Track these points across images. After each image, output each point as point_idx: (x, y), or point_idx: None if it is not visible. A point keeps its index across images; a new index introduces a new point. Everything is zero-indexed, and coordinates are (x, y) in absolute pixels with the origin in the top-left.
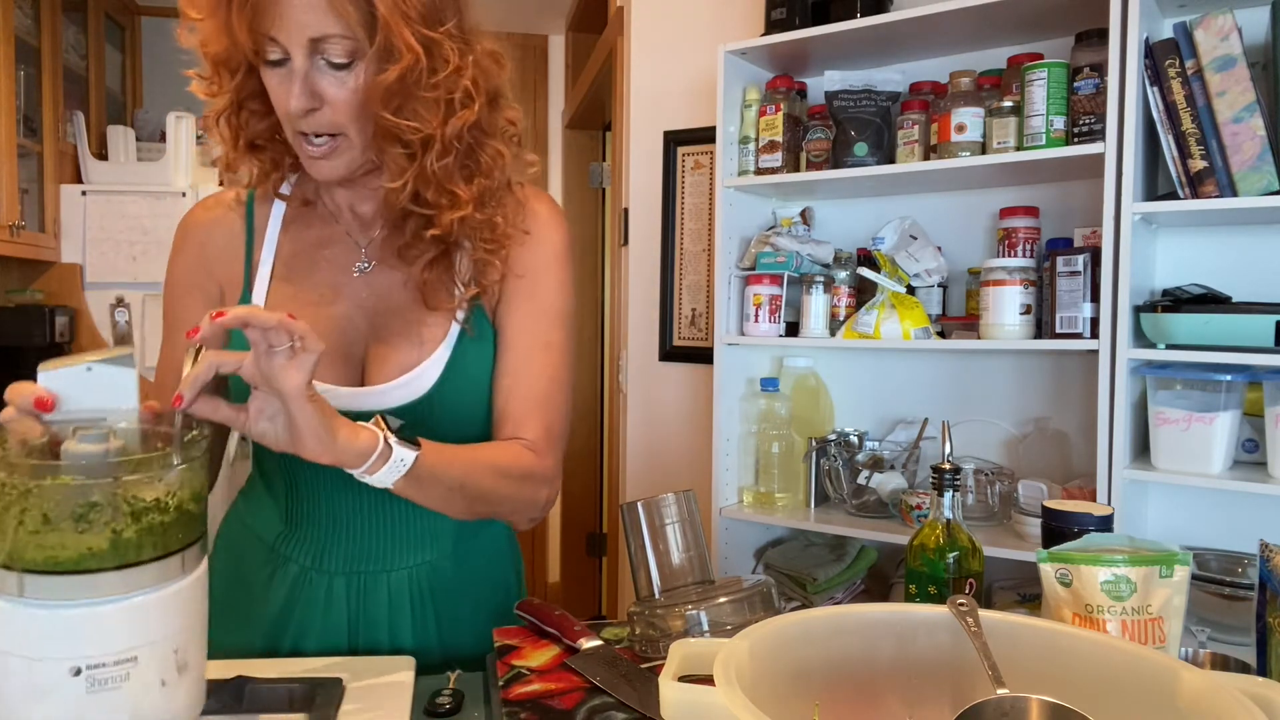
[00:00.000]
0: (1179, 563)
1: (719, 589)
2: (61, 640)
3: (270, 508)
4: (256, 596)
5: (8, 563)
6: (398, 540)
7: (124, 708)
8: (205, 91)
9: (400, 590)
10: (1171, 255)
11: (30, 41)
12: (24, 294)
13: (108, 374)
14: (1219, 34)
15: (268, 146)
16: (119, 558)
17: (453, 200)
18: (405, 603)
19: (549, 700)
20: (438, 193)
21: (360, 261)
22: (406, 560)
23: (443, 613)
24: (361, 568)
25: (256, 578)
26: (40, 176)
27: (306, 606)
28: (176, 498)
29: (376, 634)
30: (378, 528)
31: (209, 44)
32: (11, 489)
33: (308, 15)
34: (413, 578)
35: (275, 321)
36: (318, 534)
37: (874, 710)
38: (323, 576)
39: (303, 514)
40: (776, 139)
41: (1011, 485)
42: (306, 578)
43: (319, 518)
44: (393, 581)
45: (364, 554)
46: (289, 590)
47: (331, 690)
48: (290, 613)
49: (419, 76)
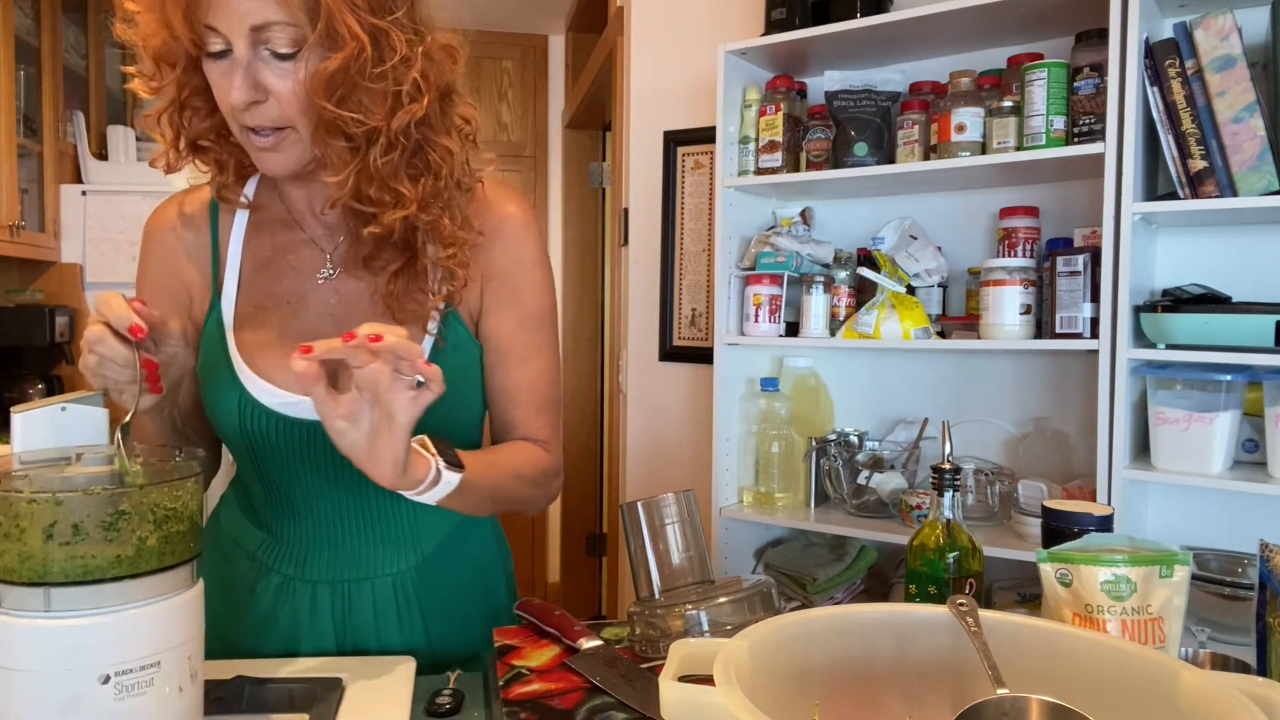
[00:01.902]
0: (1179, 563)
1: (719, 589)
2: (91, 649)
3: (251, 516)
4: (242, 602)
5: (35, 579)
6: (382, 546)
7: (150, 713)
8: (145, 89)
9: (386, 597)
10: (1171, 255)
11: (30, 41)
12: (24, 294)
13: (81, 413)
14: (1219, 34)
15: (211, 147)
16: (144, 565)
17: (396, 199)
18: (391, 609)
19: (549, 700)
20: (381, 189)
21: (325, 269)
22: (391, 566)
23: (430, 617)
24: (345, 575)
25: (241, 584)
26: (40, 176)
27: (292, 615)
28: (189, 507)
29: (364, 640)
30: (361, 535)
31: (148, 38)
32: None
33: (247, 3)
34: (398, 584)
35: (418, 356)
36: (300, 543)
37: (874, 710)
38: (306, 585)
39: (284, 523)
40: (776, 139)
41: (1011, 485)
42: (290, 587)
43: (300, 526)
44: (377, 589)
45: (347, 562)
46: (273, 599)
47: (331, 690)
48: (275, 620)
49: (363, 66)
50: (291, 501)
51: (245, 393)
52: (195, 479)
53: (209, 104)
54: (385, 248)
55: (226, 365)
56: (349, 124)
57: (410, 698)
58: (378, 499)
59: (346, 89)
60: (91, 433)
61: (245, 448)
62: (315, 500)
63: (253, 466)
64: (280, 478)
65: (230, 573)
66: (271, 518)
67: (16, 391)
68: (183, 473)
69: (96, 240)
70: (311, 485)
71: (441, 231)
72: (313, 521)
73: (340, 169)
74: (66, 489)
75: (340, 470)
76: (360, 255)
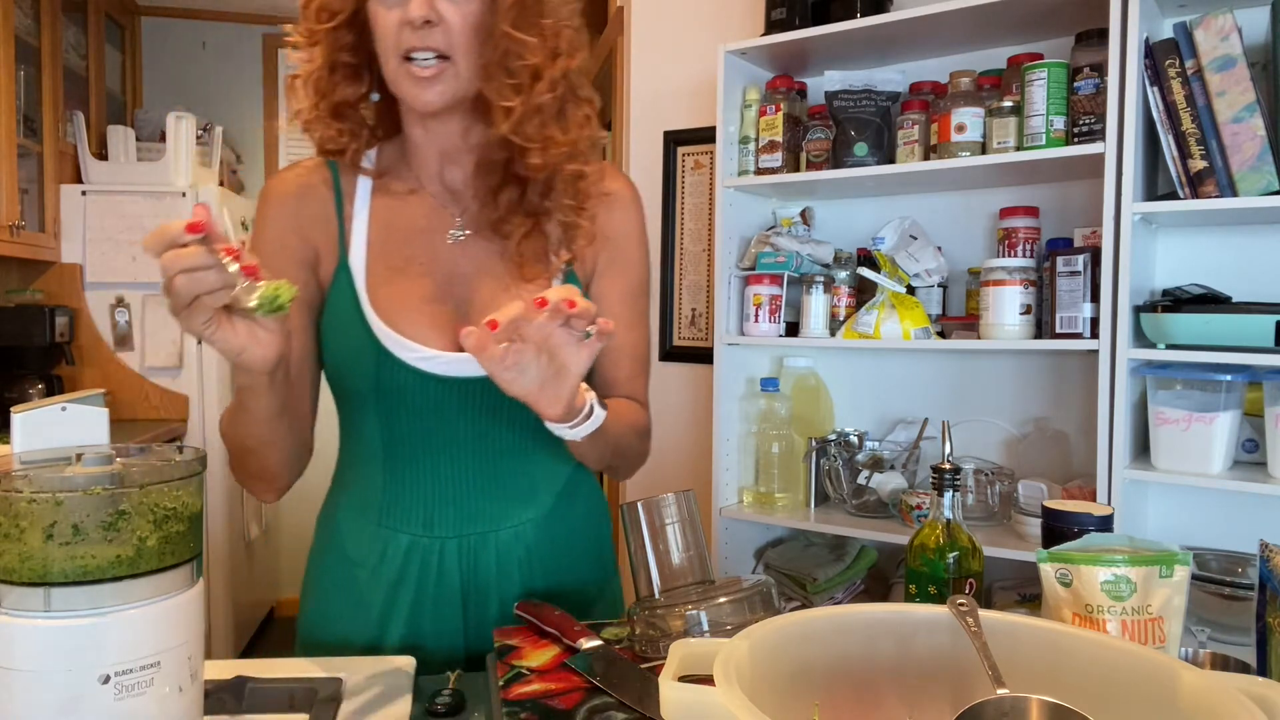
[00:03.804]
0: (1179, 563)
1: (719, 589)
2: (91, 649)
3: (370, 486)
4: (367, 579)
5: (35, 579)
6: (504, 499)
7: (150, 713)
8: (305, 39)
9: (508, 548)
10: (1171, 255)
11: (30, 41)
12: (24, 294)
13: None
14: (1219, 34)
15: (348, 115)
16: (144, 565)
17: (547, 142)
18: (513, 561)
19: (549, 700)
20: (540, 128)
21: (454, 229)
22: (513, 519)
23: (549, 568)
24: (470, 529)
25: (366, 559)
26: (40, 176)
27: (421, 572)
28: (189, 507)
29: (486, 591)
30: (484, 488)
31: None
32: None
33: None
34: (519, 535)
35: (594, 313)
36: (425, 500)
37: (874, 710)
38: (434, 542)
39: (407, 482)
40: (776, 139)
41: (1011, 485)
42: (418, 545)
43: (424, 483)
44: (501, 540)
45: (472, 515)
46: (401, 563)
47: (331, 690)
48: (405, 582)
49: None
50: (417, 459)
51: (382, 349)
52: (196, 479)
53: (358, 63)
54: (516, 212)
55: (360, 322)
56: (519, 54)
57: (410, 698)
58: (499, 455)
59: (520, 23)
60: (91, 433)
61: (377, 404)
62: (441, 456)
63: (380, 425)
64: (410, 434)
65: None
66: (394, 480)
67: (16, 391)
68: (183, 472)
69: (96, 240)
70: (440, 441)
71: (581, 184)
72: (436, 478)
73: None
74: (66, 489)
75: (470, 425)
76: (491, 219)
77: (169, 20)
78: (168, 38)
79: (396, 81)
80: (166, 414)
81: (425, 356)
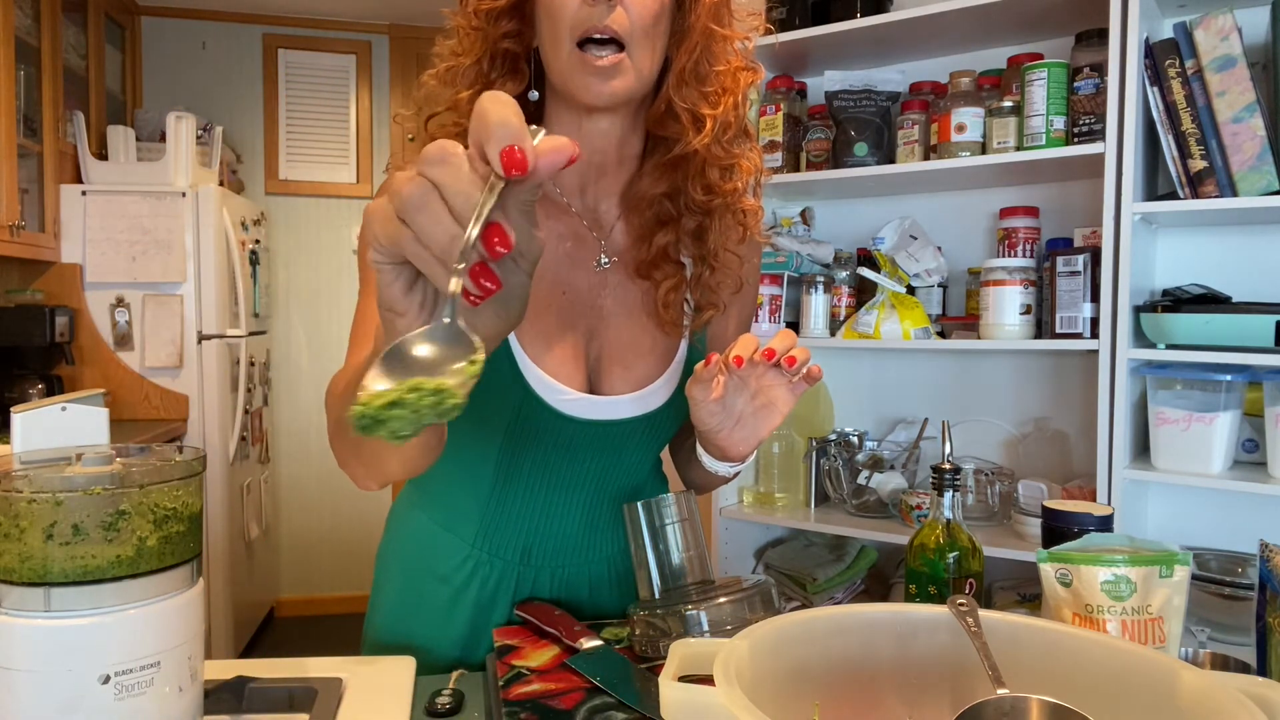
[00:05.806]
0: (1179, 563)
1: (719, 589)
2: (91, 649)
3: (467, 507)
4: (453, 592)
5: (35, 579)
6: (598, 529)
7: (149, 713)
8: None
9: (600, 575)
10: (1171, 255)
11: (30, 41)
12: (24, 294)
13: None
14: (1219, 34)
15: None
16: (144, 565)
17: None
18: (604, 586)
19: (549, 700)
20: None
21: (600, 256)
22: (606, 550)
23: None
24: (566, 561)
25: (455, 575)
26: (40, 176)
27: (513, 601)
28: (189, 507)
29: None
30: (581, 519)
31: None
32: (43, 503)
33: None
34: (612, 563)
35: (807, 359)
36: (526, 531)
37: (874, 710)
38: (529, 570)
39: (512, 511)
40: (776, 139)
41: (1011, 485)
42: (511, 571)
43: (530, 514)
44: (594, 569)
45: (569, 546)
46: (494, 589)
47: (331, 690)
48: (495, 610)
49: (731, 11)
50: (530, 492)
51: (528, 388)
52: (195, 479)
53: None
54: (667, 260)
55: (505, 354)
56: (722, 57)
57: (410, 698)
58: (611, 496)
59: (720, 21)
60: (91, 433)
61: (506, 436)
62: (555, 493)
63: (500, 454)
64: (529, 467)
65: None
66: (498, 507)
67: (16, 391)
68: (183, 473)
69: (96, 240)
70: (558, 478)
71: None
72: (537, 510)
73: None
74: (66, 489)
75: (592, 465)
76: (637, 258)
77: (169, 20)
78: (168, 38)
79: (569, 72)
80: (166, 414)
81: (568, 400)
